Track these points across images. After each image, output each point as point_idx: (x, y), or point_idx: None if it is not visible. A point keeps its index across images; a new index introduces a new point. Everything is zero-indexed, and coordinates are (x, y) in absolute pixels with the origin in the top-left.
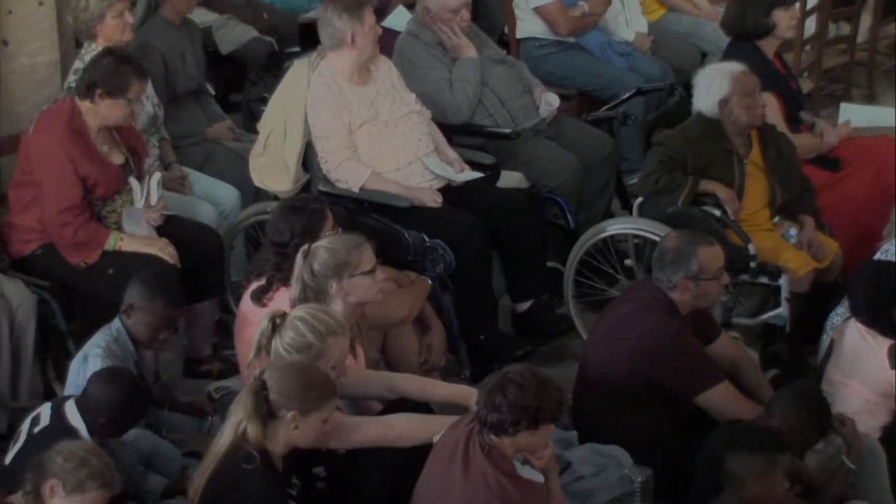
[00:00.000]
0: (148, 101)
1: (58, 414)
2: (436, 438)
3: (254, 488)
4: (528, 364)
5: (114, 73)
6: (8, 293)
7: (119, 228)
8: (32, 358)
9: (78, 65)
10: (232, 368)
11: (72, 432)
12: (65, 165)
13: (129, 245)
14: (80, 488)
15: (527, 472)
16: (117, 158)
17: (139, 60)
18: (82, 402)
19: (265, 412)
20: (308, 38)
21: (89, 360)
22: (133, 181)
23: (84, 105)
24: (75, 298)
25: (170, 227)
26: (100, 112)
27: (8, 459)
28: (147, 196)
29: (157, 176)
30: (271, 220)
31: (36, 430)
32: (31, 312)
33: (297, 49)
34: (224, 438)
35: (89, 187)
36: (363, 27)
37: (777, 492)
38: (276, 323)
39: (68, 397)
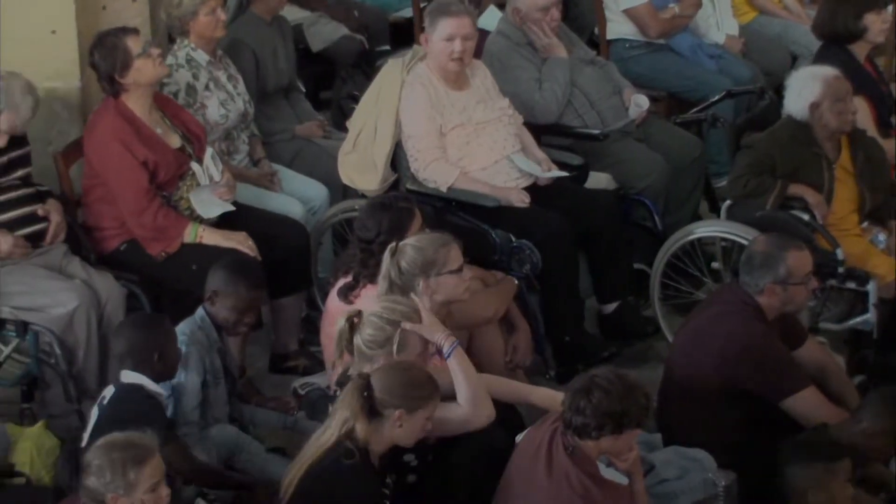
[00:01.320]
0: (239, 98)
1: (118, 384)
2: (519, 437)
3: (352, 484)
4: (614, 367)
5: (111, 52)
6: (97, 286)
7: (192, 216)
8: None
9: (170, 60)
10: (318, 365)
11: (138, 389)
12: (123, 153)
13: (209, 238)
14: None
15: (610, 474)
16: (173, 142)
17: (114, 29)
18: (132, 363)
19: (371, 411)
20: (399, 36)
21: None
22: (194, 164)
23: (124, 98)
24: (162, 293)
25: (255, 222)
26: (140, 85)
27: (84, 440)
28: (209, 174)
29: (209, 151)
30: (359, 217)
31: (104, 403)
32: (121, 305)
33: (387, 47)
34: (328, 435)
35: (152, 171)
36: (433, 35)
37: (841, 498)
38: (354, 322)
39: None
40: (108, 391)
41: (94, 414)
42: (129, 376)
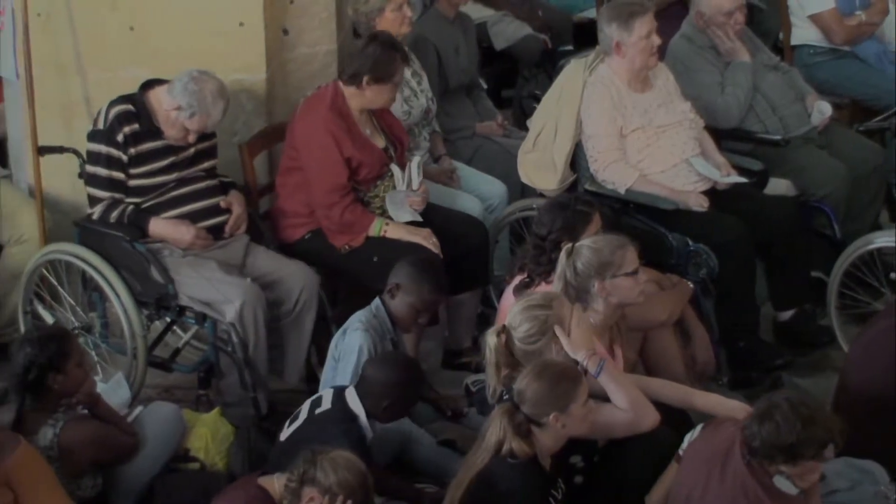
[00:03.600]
0: (422, 95)
1: (339, 399)
2: (690, 437)
3: (517, 482)
4: (800, 395)
5: (381, 60)
6: (288, 274)
7: (383, 214)
8: (309, 340)
9: None
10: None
11: (352, 418)
12: (329, 147)
13: (393, 232)
14: None
15: (785, 486)
16: (379, 142)
17: (401, 45)
18: (361, 388)
19: (526, 429)
20: (582, 37)
21: (348, 333)
22: (394, 167)
23: (348, 90)
24: (340, 285)
25: (437, 218)
26: (366, 97)
27: (284, 435)
28: (409, 180)
29: (416, 159)
30: (538, 213)
31: (317, 411)
32: (314, 294)
33: (570, 48)
34: (481, 458)
35: (354, 168)
36: (631, 37)
37: None
38: (502, 337)
39: (345, 387)
40: (327, 397)
41: (303, 410)
42: (352, 398)
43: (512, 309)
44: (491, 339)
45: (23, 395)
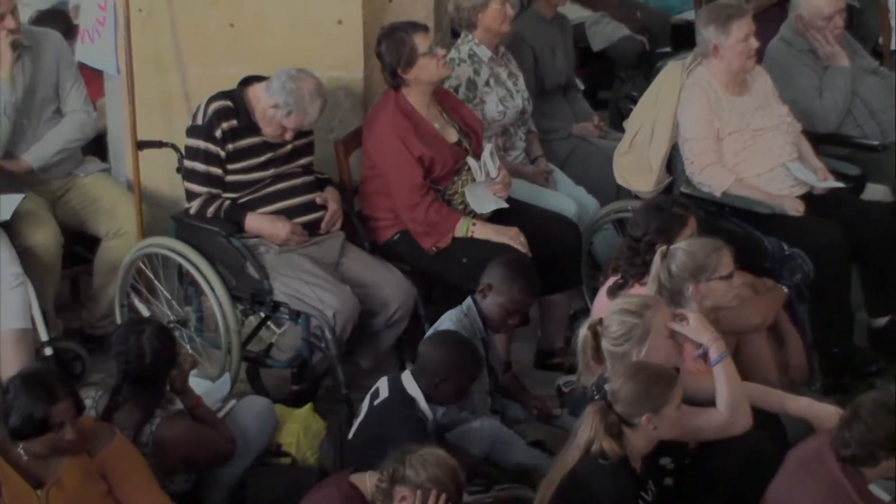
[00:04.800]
0: (518, 95)
1: (395, 385)
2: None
3: (607, 483)
4: (884, 392)
5: (398, 46)
6: (385, 286)
7: (466, 211)
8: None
9: (453, 54)
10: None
11: (410, 403)
12: (400, 149)
13: (481, 232)
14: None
15: (879, 492)
16: (451, 137)
17: (405, 23)
18: (417, 370)
19: (618, 429)
20: (680, 38)
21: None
22: (470, 160)
23: (405, 90)
24: (434, 284)
25: (530, 217)
26: (418, 84)
27: (351, 434)
28: (486, 171)
29: (488, 147)
30: (633, 215)
31: (376, 402)
32: (411, 308)
33: (668, 49)
34: (571, 457)
35: (427, 166)
36: (728, 40)
37: None
38: (597, 330)
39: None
40: (382, 386)
41: (364, 406)
42: (409, 382)
43: (613, 305)
44: (583, 330)
45: (122, 386)
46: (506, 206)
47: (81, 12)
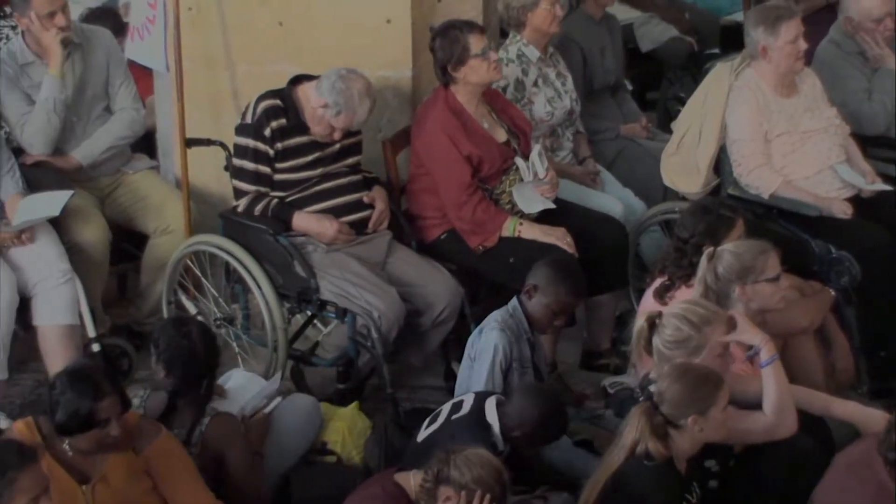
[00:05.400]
0: (566, 96)
1: (478, 406)
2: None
3: (652, 484)
4: None
5: (451, 44)
6: (432, 287)
7: (513, 210)
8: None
9: (501, 54)
10: (628, 364)
11: (486, 428)
12: (448, 147)
13: (528, 232)
14: None
15: None
16: (499, 136)
17: (462, 21)
18: (503, 405)
19: (663, 430)
20: (729, 40)
21: (484, 333)
22: (518, 160)
23: (454, 88)
24: (480, 284)
25: (576, 218)
26: (467, 84)
27: (420, 437)
28: (534, 171)
29: (537, 148)
30: (680, 216)
31: (454, 416)
32: (457, 309)
33: (716, 51)
34: (616, 458)
35: (475, 165)
36: (777, 41)
37: None
38: (654, 323)
39: (491, 393)
40: (467, 402)
41: (443, 413)
42: (491, 409)
43: (678, 302)
44: (640, 321)
45: (179, 388)
46: (553, 206)
47: (131, 10)
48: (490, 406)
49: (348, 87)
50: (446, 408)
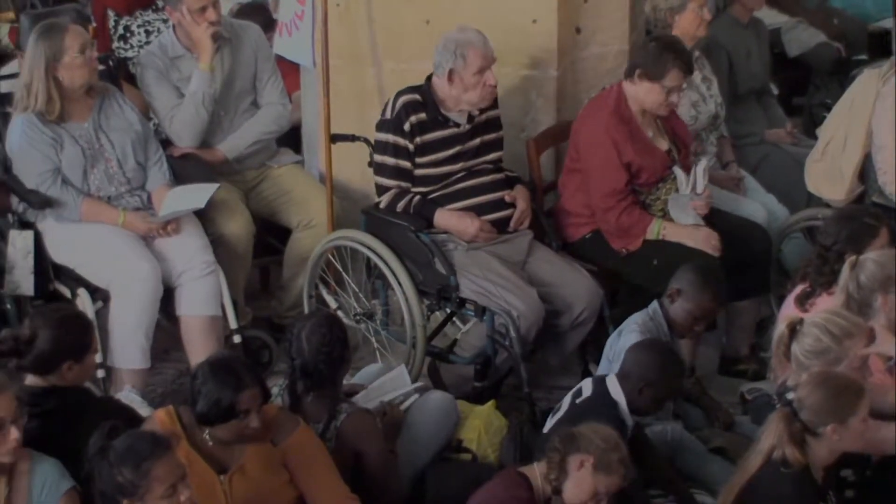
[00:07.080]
0: (711, 100)
1: (600, 386)
2: None
3: (788, 491)
4: None
5: (655, 58)
6: (571, 287)
7: (664, 216)
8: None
9: None
10: (767, 371)
11: (613, 405)
12: (609, 151)
13: (672, 234)
14: (608, 469)
15: None
16: (662, 145)
17: (688, 51)
18: (621, 375)
19: (801, 437)
20: (877, 46)
21: (623, 335)
22: (677, 170)
23: (627, 87)
24: (620, 285)
25: (720, 223)
26: (637, 94)
27: (547, 427)
28: (693, 184)
29: (703, 162)
30: (824, 223)
31: (578, 400)
32: (597, 310)
33: (864, 57)
34: (753, 464)
35: (634, 172)
36: None
37: None
38: (795, 329)
39: (606, 375)
40: (587, 386)
41: (565, 402)
42: (613, 385)
43: (819, 311)
44: (781, 326)
45: (296, 381)
46: (702, 223)
47: (280, 6)
48: (612, 383)
49: (451, 35)
50: (568, 396)
